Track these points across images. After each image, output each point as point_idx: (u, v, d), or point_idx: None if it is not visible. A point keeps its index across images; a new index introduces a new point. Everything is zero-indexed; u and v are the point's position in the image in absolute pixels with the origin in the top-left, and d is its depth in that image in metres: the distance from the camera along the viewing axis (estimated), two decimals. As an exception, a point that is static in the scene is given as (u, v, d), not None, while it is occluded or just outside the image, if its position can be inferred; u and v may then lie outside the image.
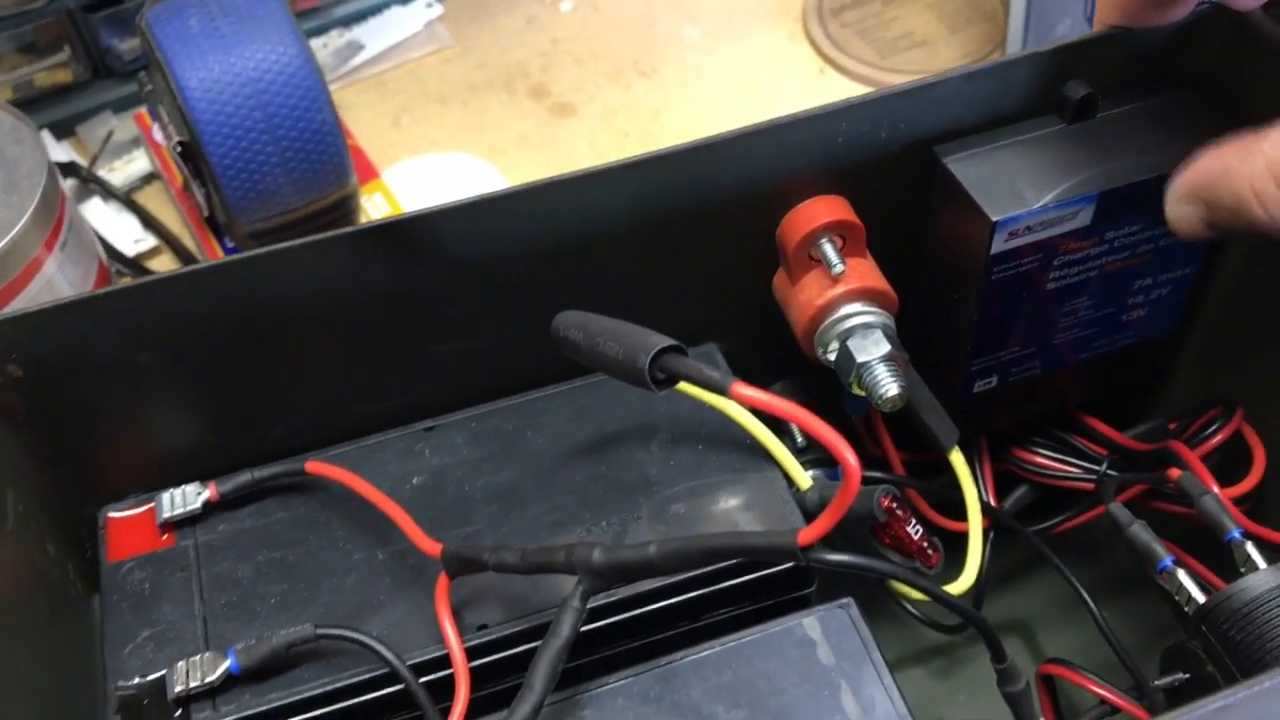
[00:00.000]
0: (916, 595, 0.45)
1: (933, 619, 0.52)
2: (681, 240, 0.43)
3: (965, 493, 0.46)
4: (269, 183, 0.58)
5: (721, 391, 0.31)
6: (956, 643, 0.55)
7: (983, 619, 0.36)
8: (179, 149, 0.59)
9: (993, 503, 0.51)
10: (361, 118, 0.78)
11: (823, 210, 0.42)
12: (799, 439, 0.47)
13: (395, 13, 0.82)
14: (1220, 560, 0.45)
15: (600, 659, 0.41)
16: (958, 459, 0.46)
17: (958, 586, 0.45)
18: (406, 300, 0.41)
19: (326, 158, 0.59)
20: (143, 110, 0.73)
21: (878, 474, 0.49)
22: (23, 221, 0.53)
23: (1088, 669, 0.46)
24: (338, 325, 0.41)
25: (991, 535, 0.51)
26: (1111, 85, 0.43)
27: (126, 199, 0.73)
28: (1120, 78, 0.43)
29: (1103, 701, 0.46)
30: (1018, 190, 0.41)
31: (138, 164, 0.74)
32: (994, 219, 0.41)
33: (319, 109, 0.59)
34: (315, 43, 0.79)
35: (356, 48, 0.80)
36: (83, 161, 0.74)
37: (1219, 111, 0.42)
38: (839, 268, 0.42)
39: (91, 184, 0.73)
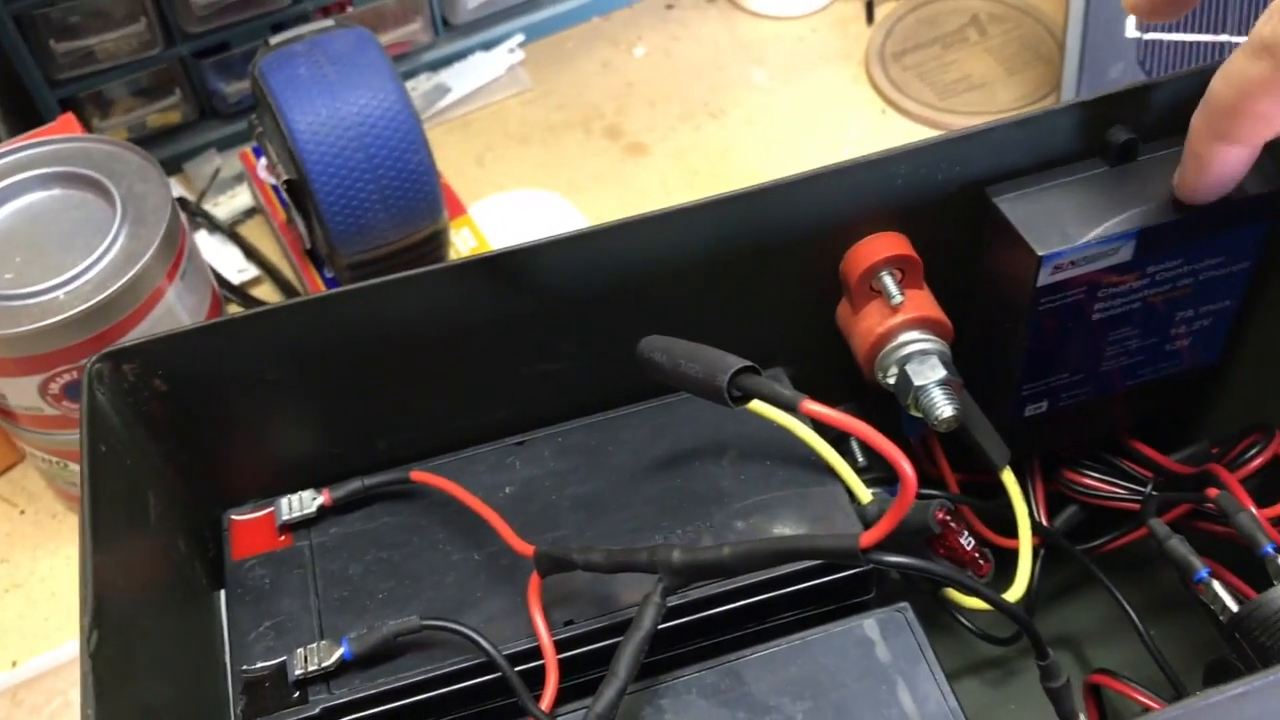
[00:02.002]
0: (971, 603, 0.48)
1: (985, 632, 0.55)
2: (753, 273, 0.47)
3: (1015, 508, 0.49)
4: (369, 218, 0.63)
5: (792, 407, 0.34)
6: (1008, 655, 0.58)
7: (1026, 617, 0.39)
8: (286, 186, 0.64)
9: (1044, 521, 0.54)
10: (447, 156, 0.83)
11: (883, 246, 0.46)
12: (860, 458, 0.50)
13: (479, 58, 0.87)
14: (1258, 578, 0.48)
15: (672, 656, 0.44)
16: (1009, 477, 0.49)
17: (1008, 596, 0.48)
18: (503, 326, 0.46)
19: (422, 195, 0.64)
20: (247, 149, 0.79)
21: (933, 491, 0.52)
22: (150, 253, 0.58)
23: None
24: (442, 348, 0.46)
25: (1042, 553, 0.54)
26: (1153, 130, 0.46)
27: (230, 231, 0.78)
28: (1161, 123, 0.46)
29: (1146, 710, 0.49)
30: (1063, 227, 0.45)
31: (240, 199, 0.80)
32: (1040, 254, 0.44)
33: (416, 150, 0.63)
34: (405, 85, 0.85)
35: (443, 90, 0.85)
36: (190, 196, 0.80)
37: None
38: (898, 299, 0.46)
39: (198, 217, 0.78)
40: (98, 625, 0.35)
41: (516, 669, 0.42)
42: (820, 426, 0.47)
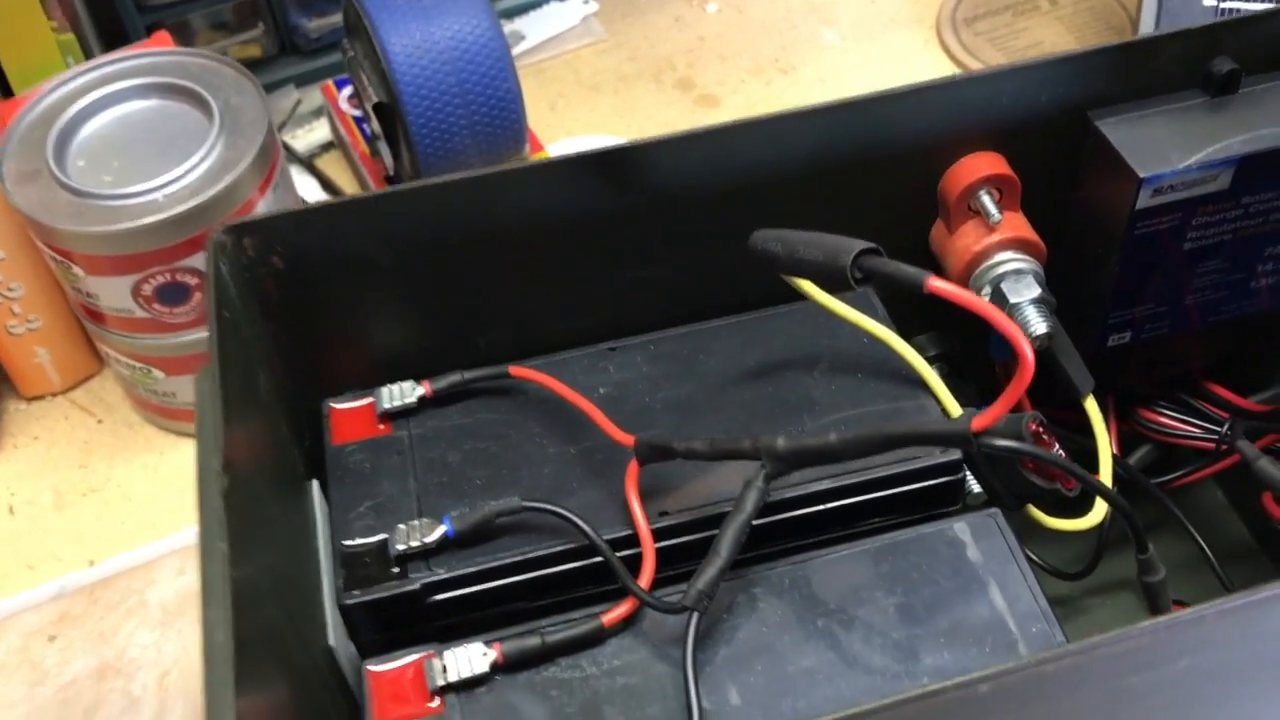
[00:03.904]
0: (1052, 523, 0.49)
1: (1055, 568, 0.56)
2: (851, 187, 0.48)
3: (1096, 435, 0.50)
4: (457, 142, 0.64)
5: (917, 285, 0.35)
6: (1074, 592, 0.58)
7: (1129, 507, 0.40)
8: (375, 109, 0.65)
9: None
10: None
11: (984, 164, 0.47)
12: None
13: (554, 8, 0.88)
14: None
15: (760, 555, 0.45)
16: (1091, 405, 0.50)
17: (1089, 520, 0.49)
18: (606, 225, 0.47)
19: (508, 123, 0.65)
20: (329, 82, 0.80)
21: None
22: (246, 162, 0.59)
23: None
24: (544, 246, 0.47)
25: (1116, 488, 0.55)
26: (1255, 63, 0.47)
27: (308, 163, 0.79)
28: (1263, 55, 0.47)
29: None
30: (1164, 152, 0.45)
31: (318, 133, 0.81)
32: (1141, 176, 0.45)
33: (505, 78, 0.65)
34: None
35: (518, 38, 0.86)
36: (269, 128, 0.81)
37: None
38: (996, 217, 0.47)
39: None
40: (229, 472, 0.36)
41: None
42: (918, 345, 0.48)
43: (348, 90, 0.78)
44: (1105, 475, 0.50)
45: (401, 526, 0.43)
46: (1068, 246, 0.50)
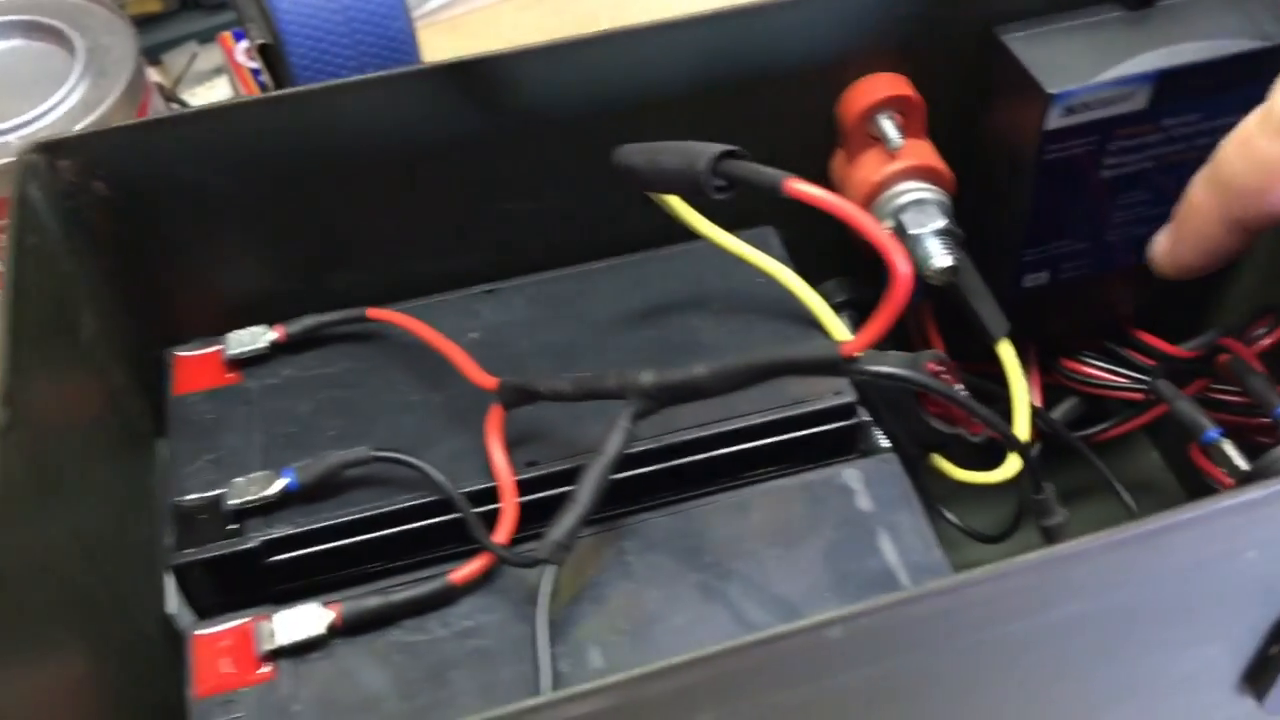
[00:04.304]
0: (961, 475, 0.45)
1: (977, 531, 0.53)
2: (741, 112, 0.44)
3: (1011, 382, 0.46)
4: (344, 85, 0.60)
5: (775, 186, 0.32)
6: (996, 558, 0.55)
7: (1025, 445, 0.36)
8: (260, 50, 0.61)
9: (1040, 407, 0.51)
10: (435, 57, 0.79)
11: (884, 85, 0.43)
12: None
13: (472, -40, 0.84)
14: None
15: (641, 509, 0.41)
16: (1006, 350, 0.46)
17: (1002, 472, 0.45)
18: (473, 149, 0.43)
19: (401, 64, 0.61)
20: (227, 34, 0.76)
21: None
22: (108, 103, 0.55)
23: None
24: (406, 170, 0.43)
25: (1039, 446, 0.51)
26: (1174, -26, 0.43)
27: (206, 120, 0.75)
28: (1183, -35, 0.43)
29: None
30: (1075, 67, 0.42)
31: (218, 91, 0.77)
32: (1050, 92, 0.41)
33: (396, 16, 0.60)
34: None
35: (433, -9, 0.82)
36: (167, 86, 0.77)
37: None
38: (897, 143, 0.43)
39: (173, 104, 0.75)
40: (9, 404, 0.32)
41: (474, 510, 0.39)
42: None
43: (245, 43, 0.74)
44: (1022, 426, 0.47)
45: (238, 480, 0.40)
46: (978, 177, 0.46)
